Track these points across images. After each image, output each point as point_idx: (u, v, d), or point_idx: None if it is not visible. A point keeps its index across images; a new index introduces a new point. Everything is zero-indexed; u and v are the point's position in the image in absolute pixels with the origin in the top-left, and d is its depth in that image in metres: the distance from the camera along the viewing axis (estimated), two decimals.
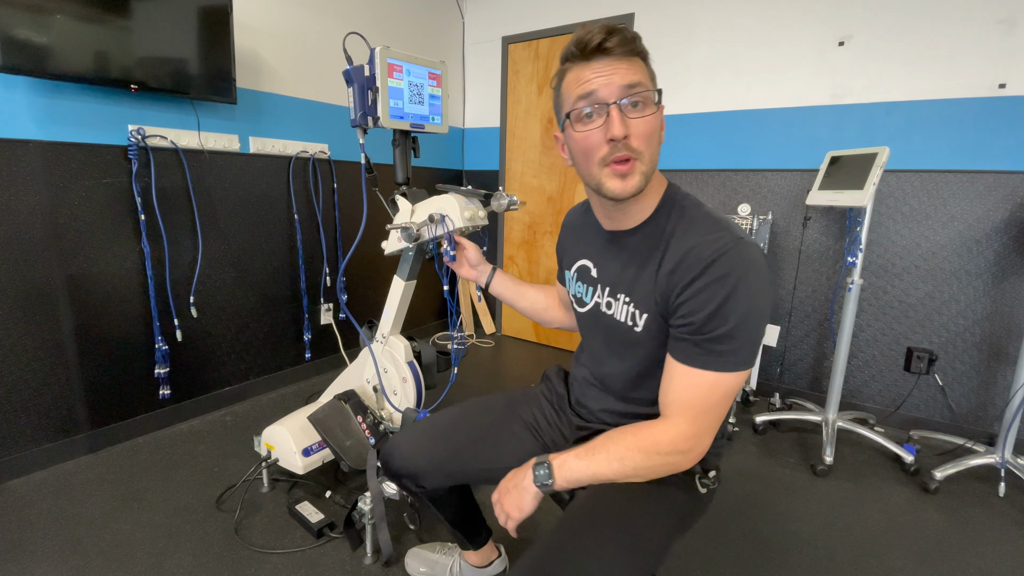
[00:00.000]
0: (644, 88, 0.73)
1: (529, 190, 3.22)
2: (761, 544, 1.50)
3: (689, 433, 0.75)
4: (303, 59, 2.38)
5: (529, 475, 0.80)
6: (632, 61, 0.74)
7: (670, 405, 0.77)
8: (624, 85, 0.72)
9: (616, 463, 0.77)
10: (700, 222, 0.77)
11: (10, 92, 1.56)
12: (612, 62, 0.72)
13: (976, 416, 2.14)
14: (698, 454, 0.77)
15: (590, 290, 0.92)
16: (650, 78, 0.75)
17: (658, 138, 0.76)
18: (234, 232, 2.21)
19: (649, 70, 0.76)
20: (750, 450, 2.04)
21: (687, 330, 0.74)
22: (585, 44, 0.73)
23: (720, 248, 0.71)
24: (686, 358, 0.74)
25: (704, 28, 2.49)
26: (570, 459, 0.79)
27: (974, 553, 1.49)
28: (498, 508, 0.83)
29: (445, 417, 1.07)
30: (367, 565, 1.37)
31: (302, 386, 2.51)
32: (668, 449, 0.75)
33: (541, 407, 1.07)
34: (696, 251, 0.73)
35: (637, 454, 0.76)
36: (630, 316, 0.83)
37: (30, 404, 1.71)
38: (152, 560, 1.36)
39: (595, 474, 0.78)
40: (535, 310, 1.19)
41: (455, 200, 1.28)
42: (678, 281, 0.74)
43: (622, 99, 0.72)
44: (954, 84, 2.01)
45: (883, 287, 2.25)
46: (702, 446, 0.77)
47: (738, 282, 0.70)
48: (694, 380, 0.74)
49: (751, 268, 0.71)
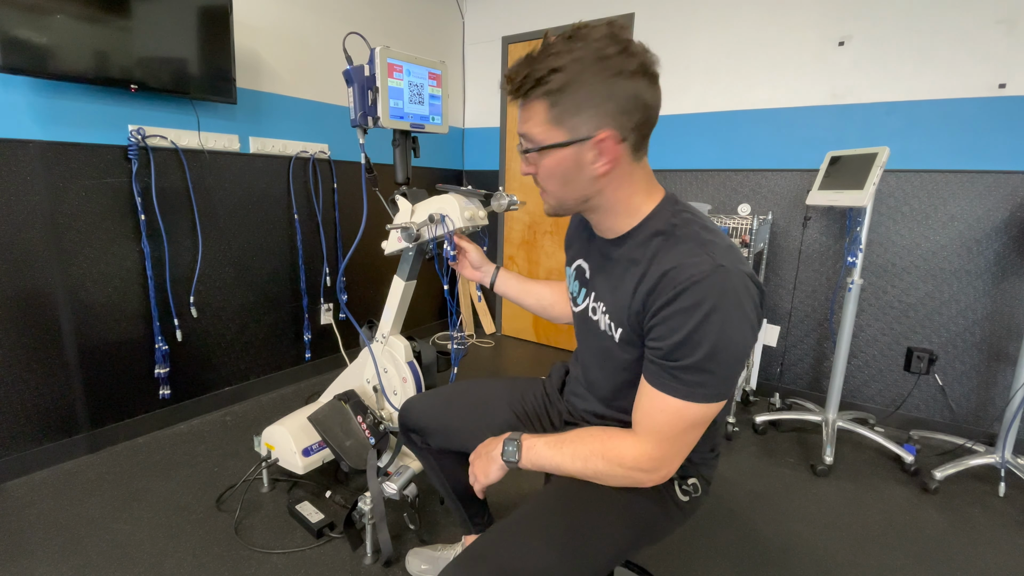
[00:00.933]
0: (528, 139, 0.75)
1: (529, 190, 3.22)
2: (761, 544, 1.50)
3: (653, 455, 0.74)
4: (303, 59, 2.38)
5: (499, 447, 0.84)
6: (528, 108, 0.73)
7: (638, 423, 0.76)
8: (519, 131, 0.76)
9: (579, 462, 0.78)
10: (685, 241, 0.72)
11: (10, 92, 1.56)
12: (518, 104, 0.75)
13: (976, 416, 2.14)
14: (663, 475, 0.76)
15: (583, 292, 0.92)
16: (547, 123, 0.71)
17: (560, 176, 0.75)
18: (234, 232, 2.21)
19: (552, 113, 0.70)
20: (750, 450, 2.04)
21: (656, 354, 0.72)
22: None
23: (695, 275, 0.67)
24: (654, 380, 0.73)
25: (704, 28, 2.49)
26: (539, 444, 0.81)
27: (974, 553, 1.49)
28: (471, 469, 0.89)
29: (457, 385, 1.17)
30: (367, 565, 1.37)
31: (302, 386, 2.51)
32: (631, 464, 0.75)
33: (537, 395, 1.09)
34: (672, 274, 0.69)
35: (600, 461, 0.76)
36: (608, 326, 0.83)
37: (30, 404, 1.71)
38: (152, 560, 1.36)
39: (558, 465, 0.80)
40: (542, 306, 1.19)
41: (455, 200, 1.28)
42: (652, 302, 0.71)
43: (520, 145, 0.77)
44: (954, 84, 2.01)
45: (883, 287, 2.25)
46: (667, 468, 0.76)
47: (710, 312, 0.66)
48: (661, 404, 0.72)
49: (726, 299, 0.67)
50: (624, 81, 0.68)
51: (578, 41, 0.68)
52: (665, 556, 1.43)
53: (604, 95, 0.68)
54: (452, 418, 1.10)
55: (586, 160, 0.72)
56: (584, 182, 0.75)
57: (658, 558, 1.42)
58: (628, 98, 0.68)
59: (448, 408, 1.11)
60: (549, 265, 3.25)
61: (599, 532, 0.78)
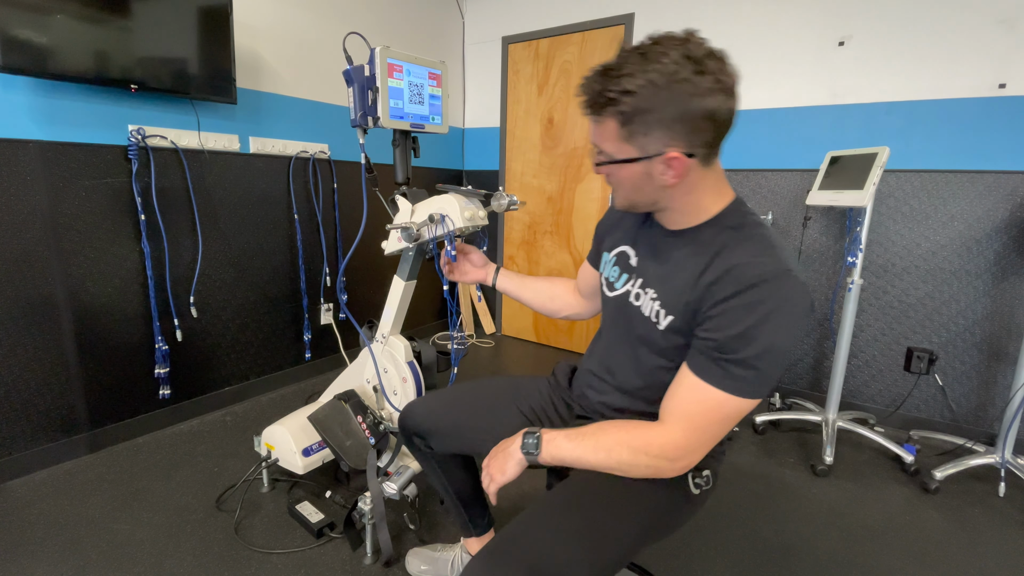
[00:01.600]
0: (602, 152, 0.77)
1: (529, 190, 3.22)
2: (761, 544, 1.50)
3: (681, 443, 0.75)
4: (303, 59, 2.38)
5: (518, 442, 0.83)
6: (601, 123, 0.74)
7: (671, 411, 0.77)
8: (592, 142, 0.79)
9: (602, 453, 0.78)
10: (754, 241, 0.75)
11: (10, 92, 1.56)
12: (590, 117, 0.76)
13: (976, 416, 2.14)
14: (685, 465, 0.77)
15: (624, 277, 0.92)
16: (619, 140, 0.73)
17: (631, 185, 0.78)
18: (234, 232, 2.21)
19: (618, 128, 0.72)
20: (750, 450, 2.04)
21: (709, 345, 0.73)
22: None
23: (764, 274, 0.70)
24: (700, 370, 0.74)
25: (704, 28, 2.46)
26: (559, 437, 0.81)
27: (974, 553, 1.49)
28: (485, 471, 0.87)
29: (458, 387, 1.16)
30: (367, 565, 1.37)
31: (302, 386, 2.51)
32: (656, 452, 0.76)
33: (542, 393, 1.09)
34: (740, 269, 0.72)
35: (625, 450, 0.77)
36: (655, 312, 0.83)
37: (30, 404, 1.71)
38: (152, 560, 1.36)
39: (579, 458, 0.80)
40: (540, 300, 1.20)
41: (455, 200, 1.28)
42: (714, 294, 0.73)
43: (595, 158, 0.80)
44: (954, 84, 2.01)
45: (883, 287, 2.25)
46: (691, 459, 0.77)
47: (771, 313, 0.69)
48: (701, 394, 0.74)
49: (788, 303, 0.70)
50: (697, 101, 0.68)
51: (651, 62, 0.67)
52: (665, 556, 1.43)
53: (674, 117, 0.69)
54: (456, 420, 1.09)
55: (655, 172, 0.75)
56: (653, 190, 0.78)
57: (658, 558, 1.42)
58: (699, 118, 0.69)
59: (451, 410, 1.10)
60: (549, 265, 3.25)
61: (619, 523, 0.79)
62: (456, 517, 1.25)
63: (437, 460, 1.16)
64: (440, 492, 1.21)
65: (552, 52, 2.98)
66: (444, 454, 1.14)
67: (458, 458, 1.17)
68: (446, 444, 1.10)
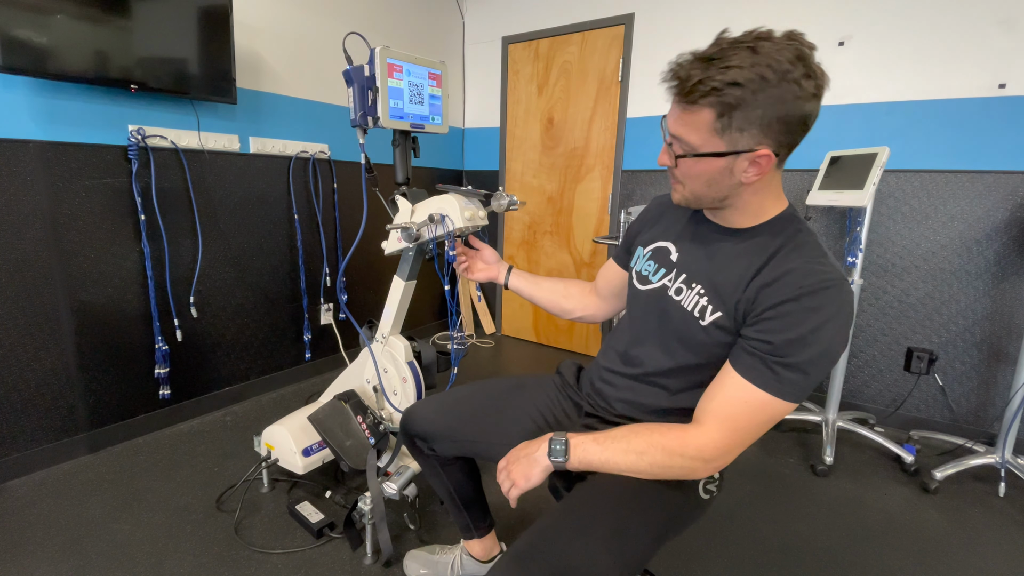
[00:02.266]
0: (683, 143, 0.74)
1: (529, 190, 3.22)
2: (761, 544, 1.50)
3: (720, 444, 0.75)
4: (303, 59, 2.38)
5: (544, 447, 0.81)
6: (693, 112, 0.71)
7: (711, 412, 0.76)
8: (671, 131, 0.76)
9: (633, 455, 0.77)
10: (810, 248, 0.75)
11: (10, 92, 1.56)
12: (679, 104, 0.72)
13: (976, 416, 2.14)
14: (718, 467, 0.77)
15: (661, 271, 0.91)
16: (709, 131, 0.70)
17: (706, 180, 0.76)
18: (234, 232, 2.21)
19: (714, 120, 0.69)
20: (750, 450, 2.04)
21: (761, 347, 0.72)
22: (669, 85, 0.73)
23: (824, 281, 0.70)
24: (748, 372, 0.73)
25: (704, 28, 2.49)
26: (587, 441, 0.80)
27: (974, 553, 1.49)
28: (504, 475, 0.84)
29: (461, 390, 1.14)
30: (367, 565, 1.37)
31: (302, 386, 2.51)
32: (693, 454, 0.75)
33: (548, 392, 1.09)
34: (798, 274, 0.72)
35: (660, 452, 0.76)
36: (699, 308, 0.82)
37: (30, 404, 1.71)
38: (152, 560, 1.36)
39: (608, 461, 0.78)
40: (554, 300, 1.19)
41: (455, 200, 1.28)
42: (770, 296, 0.73)
43: (668, 139, 0.77)
44: (954, 84, 2.01)
45: (883, 287, 2.25)
46: (725, 460, 0.76)
47: (828, 320, 0.69)
48: (747, 395, 0.73)
49: (843, 311, 0.70)
50: (800, 104, 0.67)
51: (763, 58, 0.66)
52: (665, 556, 1.43)
53: (776, 116, 0.68)
54: (460, 423, 1.08)
55: (738, 169, 0.73)
56: (728, 186, 0.76)
57: (658, 558, 1.42)
58: (797, 120, 0.69)
59: (455, 413, 1.09)
60: (549, 265, 3.25)
61: (639, 525, 0.79)
62: (456, 519, 1.25)
63: (439, 462, 1.15)
64: (441, 494, 1.21)
65: (552, 52, 2.98)
66: (447, 457, 1.13)
67: (460, 460, 1.16)
68: (450, 447, 1.09)
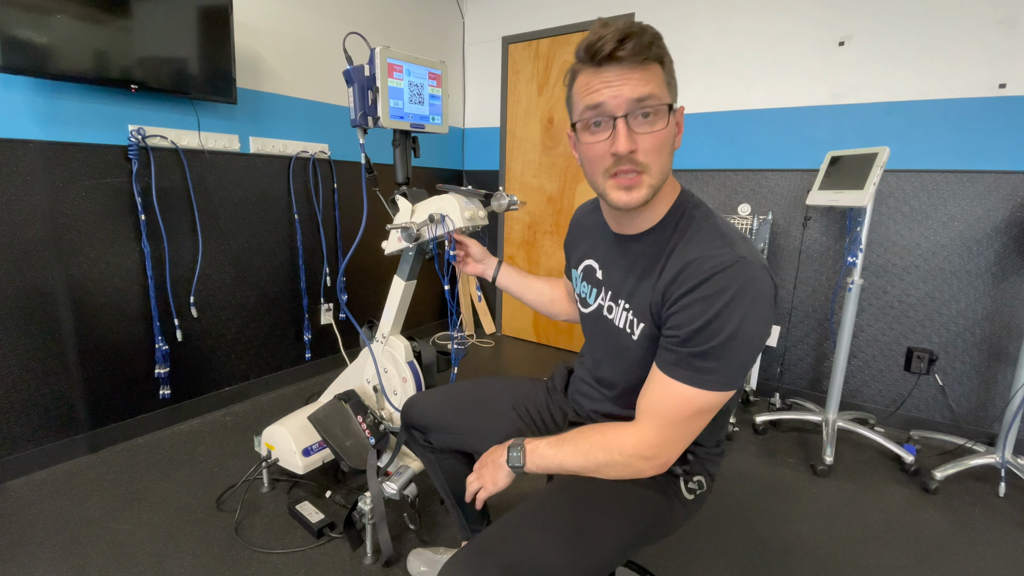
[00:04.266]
0: (656, 101, 0.69)
1: (529, 190, 3.22)
2: (761, 544, 1.50)
3: (654, 441, 0.75)
4: (303, 59, 2.38)
5: (504, 454, 0.85)
6: (647, 69, 0.69)
7: (643, 410, 0.77)
8: (633, 99, 0.69)
9: (580, 456, 0.78)
10: (706, 234, 0.75)
11: (10, 92, 1.56)
12: (623, 71, 0.68)
13: (976, 416, 2.14)
14: (662, 463, 0.77)
15: (594, 291, 0.92)
16: (666, 86, 0.72)
17: (670, 148, 0.74)
18: (234, 232, 2.21)
19: (666, 76, 0.72)
20: (750, 450, 2.04)
21: (672, 341, 0.73)
22: (596, 51, 0.68)
23: (719, 264, 0.69)
24: (666, 367, 0.74)
25: (704, 28, 2.49)
26: (542, 446, 0.82)
27: (974, 553, 1.49)
28: (474, 475, 0.89)
29: (460, 385, 1.17)
30: (367, 565, 1.37)
31: (302, 386, 2.51)
32: (630, 452, 0.76)
33: (539, 395, 1.10)
34: (695, 264, 0.71)
35: (601, 451, 0.77)
36: (628, 323, 0.83)
37: (30, 404, 1.71)
38: (152, 560, 1.36)
39: (560, 463, 0.80)
40: (541, 303, 1.20)
41: (455, 200, 1.28)
42: (673, 292, 0.73)
43: (630, 112, 0.69)
44: (954, 84, 2.01)
45: (883, 287, 2.25)
46: (666, 456, 0.76)
47: (730, 301, 0.68)
48: (670, 390, 0.73)
49: (747, 289, 0.68)
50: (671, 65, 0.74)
51: (644, 25, 0.71)
52: (665, 556, 1.43)
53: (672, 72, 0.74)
54: (455, 416, 1.10)
55: (674, 133, 0.75)
56: (669, 159, 0.75)
57: (658, 558, 1.42)
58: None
59: (451, 406, 1.11)
60: (549, 265, 3.25)
61: (604, 527, 0.78)
62: (455, 518, 1.24)
63: (436, 455, 1.16)
64: (439, 490, 1.21)
65: (552, 52, 2.98)
66: (443, 449, 1.14)
67: (457, 454, 1.17)
68: (444, 439, 1.11)
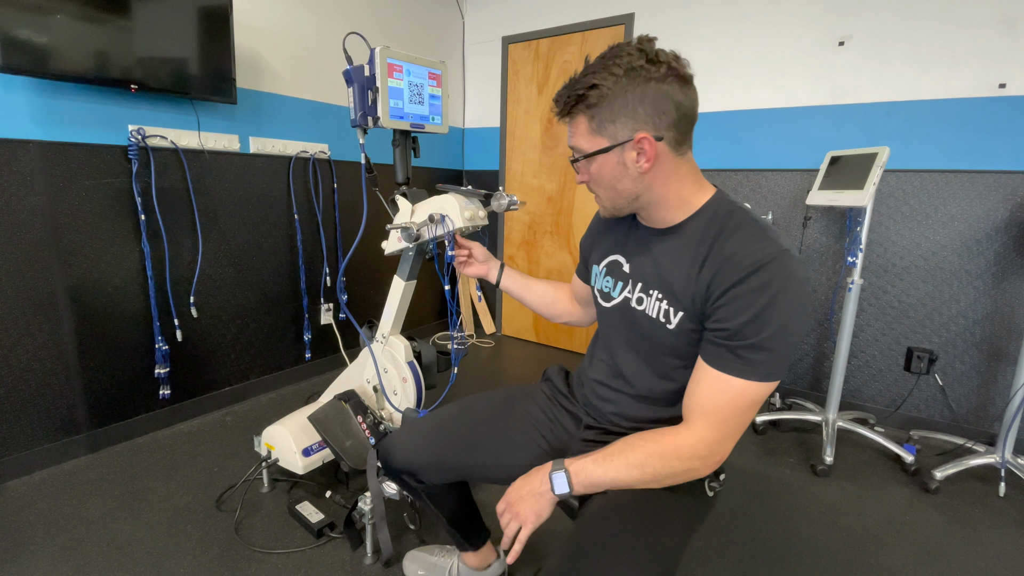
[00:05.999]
0: (577, 151, 0.82)
1: (529, 190, 3.22)
2: (761, 544, 1.50)
3: (710, 439, 0.75)
4: (303, 59, 2.38)
5: (547, 481, 0.80)
6: (574, 123, 0.80)
7: (694, 409, 0.77)
8: (570, 146, 0.83)
9: (635, 470, 0.77)
10: (747, 228, 0.76)
11: (10, 92, 1.56)
12: (567, 124, 0.82)
13: (976, 416, 2.14)
14: (717, 461, 0.77)
15: (619, 285, 0.92)
16: (590, 133, 0.78)
17: (613, 180, 0.81)
18: (234, 232, 2.21)
19: (594, 123, 0.77)
20: (750, 450, 2.04)
21: (721, 335, 0.74)
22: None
23: (764, 257, 0.71)
24: (716, 362, 0.75)
25: (704, 28, 2.49)
26: (588, 465, 0.79)
27: (974, 553, 1.49)
28: (508, 516, 0.82)
29: (444, 413, 1.08)
30: (367, 565, 1.37)
31: (302, 386, 2.51)
32: (689, 455, 0.76)
33: (540, 404, 1.07)
34: (739, 257, 0.73)
35: (657, 460, 0.76)
36: (663, 313, 0.83)
37: (30, 404, 1.71)
38: (152, 560, 1.36)
39: (613, 480, 0.78)
40: (543, 303, 1.19)
41: (455, 200, 1.28)
42: (718, 285, 0.74)
43: (572, 157, 0.84)
44: (954, 84, 2.01)
45: (883, 287, 2.25)
46: (722, 452, 0.77)
47: (778, 293, 0.70)
48: (722, 385, 0.74)
49: (792, 281, 0.71)
50: (654, 86, 0.73)
51: (611, 59, 0.74)
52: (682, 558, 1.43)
53: (636, 101, 0.74)
54: (451, 450, 1.02)
55: (629, 161, 0.78)
56: (630, 181, 0.80)
57: None
58: (660, 99, 0.74)
59: (443, 439, 1.03)
60: (549, 265, 3.25)
61: (663, 528, 0.78)
62: (451, 537, 1.22)
63: (428, 493, 1.09)
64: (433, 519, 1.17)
65: (552, 52, 2.98)
66: (438, 486, 1.08)
67: (449, 485, 1.11)
68: (440, 475, 1.04)
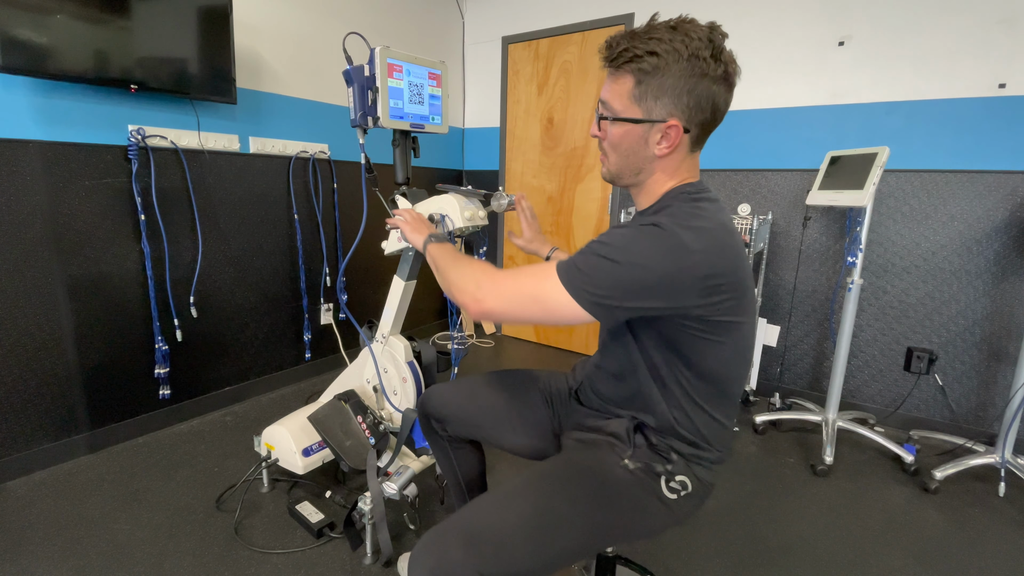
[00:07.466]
0: (604, 110, 0.81)
1: (529, 190, 3.22)
2: (761, 544, 1.50)
3: (494, 294, 0.80)
4: (303, 59, 2.38)
5: (427, 237, 1.04)
6: (616, 77, 0.78)
7: (512, 271, 0.83)
8: (601, 97, 0.82)
9: (454, 272, 0.89)
10: (674, 212, 0.77)
11: (10, 92, 1.56)
12: (608, 71, 0.80)
13: (976, 416, 2.14)
14: (478, 312, 0.81)
15: None
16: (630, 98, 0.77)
17: (628, 151, 0.81)
18: (234, 232, 2.21)
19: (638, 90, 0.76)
20: (750, 450, 2.04)
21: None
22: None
23: (657, 221, 0.73)
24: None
25: None
26: (448, 251, 0.97)
27: (974, 553, 1.49)
28: (400, 219, 1.13)
29: (479, 377, 1.18)
30: (367, 565, 1.37)
31: (302, 386, 2.51)
32: (473, 288, 0.82)
33: (559, 385, 1.12)
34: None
35: (464, 273, 0.86)
36: None
37: (30, 404, 1.71)
38: (152, 560, 1.36)
39: (435, 259, 0.97)
40: None
41: (455, 200, 1.28)
42: None
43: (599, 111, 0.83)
44: (954, 84, 2.01)
45: (883, 287, 2.25)
46: (487, 311, 0.81)
47: (630, 231, 0.73)
48: (539, 269, 0.78)
49: (652, 237, 0.71)
50: (707, 82, 0.74)
51: (679, 34, 0.73)
52: (665, 555, 1.43)
53: (685, 89, 0.74)
54: (476, 407, 1.12)
55: (652, 140, 0.79)
56: (642, 158, 0.81)
57: (658, 557, 1.42)
58: (704, 98, 0.75)
59: (471, 397, 1.13)
60: None
61: (572, 516, 0.79)
62: (456, 499, 1.26)
63: (450, 444, 1.19)
64: (446, 474, 1.23)
65: (552, 52, 2.98)
66: (458, 439, 1.17)
67: (469, 443, 1.20)
68: (461, 429, 1.14)
